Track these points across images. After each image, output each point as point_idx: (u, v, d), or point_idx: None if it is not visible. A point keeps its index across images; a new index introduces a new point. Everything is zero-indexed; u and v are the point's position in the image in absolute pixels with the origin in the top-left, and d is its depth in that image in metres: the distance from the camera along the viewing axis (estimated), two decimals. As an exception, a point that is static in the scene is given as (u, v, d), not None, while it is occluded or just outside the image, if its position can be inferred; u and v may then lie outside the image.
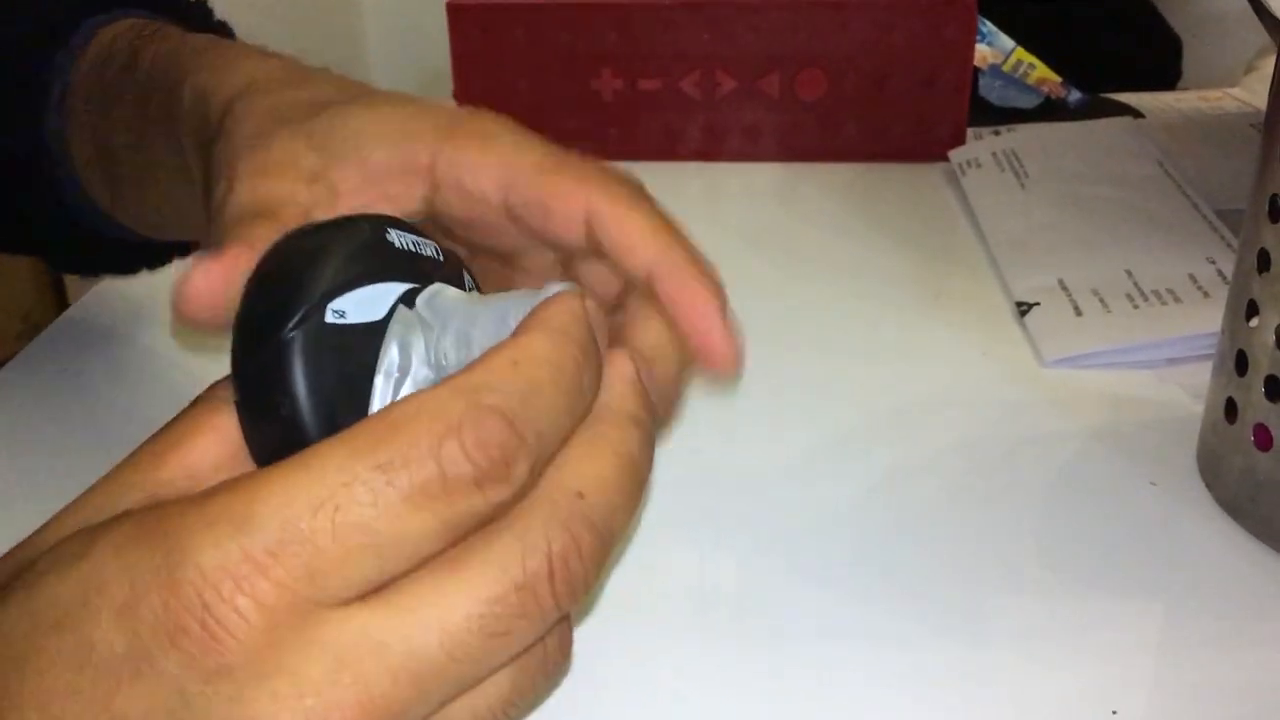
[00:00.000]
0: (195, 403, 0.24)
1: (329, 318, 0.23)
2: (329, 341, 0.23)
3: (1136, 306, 0.49)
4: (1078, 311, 0.50)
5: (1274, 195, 0.36)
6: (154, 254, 0.50)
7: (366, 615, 0.21)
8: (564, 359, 0.22)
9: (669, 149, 0.69)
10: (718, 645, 0.35)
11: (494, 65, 0.69)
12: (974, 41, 0.66)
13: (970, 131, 0.68)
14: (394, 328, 0.24)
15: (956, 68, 0.66)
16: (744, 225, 0.63)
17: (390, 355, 0.24)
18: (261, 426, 0.23)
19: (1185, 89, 0.82)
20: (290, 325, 0.23)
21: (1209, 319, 0.44)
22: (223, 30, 0.49)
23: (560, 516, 0.22)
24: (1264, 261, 0.36)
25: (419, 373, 0.24)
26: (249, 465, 0.24)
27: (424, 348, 0.24)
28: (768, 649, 0.35)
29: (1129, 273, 0.52)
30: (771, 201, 0.66)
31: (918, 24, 0.65)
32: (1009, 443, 0.44)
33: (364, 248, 0.24)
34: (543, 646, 0.23)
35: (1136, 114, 0.72)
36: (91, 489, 0.24)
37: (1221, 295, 0.41)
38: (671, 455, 0.43)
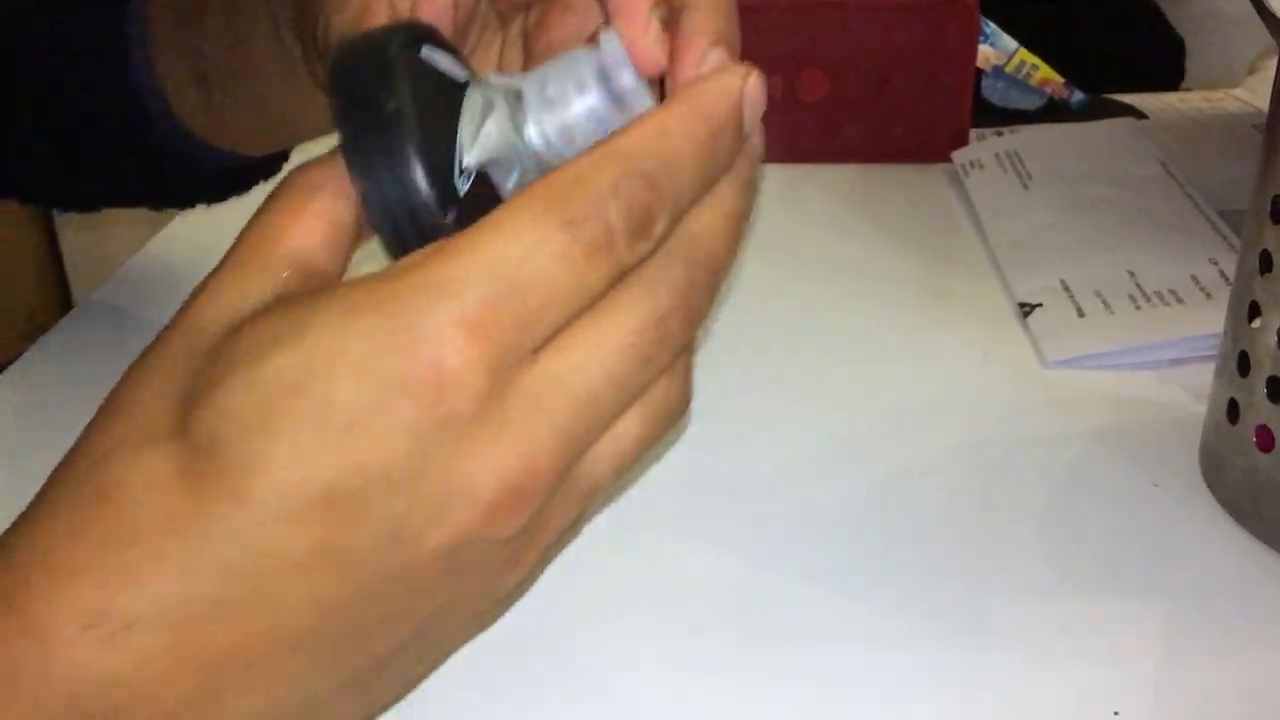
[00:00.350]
0: (277, 195, 0.26)
1: (422, 54, 0.26)
2: (421, 71, 0.26)
3: (1139, 307, 0.49)
4: (1080, 312, 0.50)
5: (1275, 197, 0.36)
6: (243, 178, 0.52)
7: (548, 359, 0.23)
8: (703, 133, 0.25)
9: (671, 150, 0.69)
10: (719, 645, 0.35)
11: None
12: (976, 42, 0.66)
13: (973, 132, 0.68)
14: (473, 85, 0.27)
15: (959, 69, 0.66)
16: (746, 226, 0.63)
17: (474, 97, 0.26)
18: (362, 128, 0.25)
19: (1188, 89, 0.82)
20: (394, 46, 0.26)
21: (1211, 320, 0.44)
22: None
23: (684, 260, 0.25)
24: (1266, 263, 0.36)
25: (500, 112, 0.27)
26: (348, 241, 0.26)
27: (501, 100, 0.27)
28: (768, 650, 0.35)
29: (1131, 274, 0.52)
30: (773, 202, 0.66)
31: (919, 25, 0.65)
32: (1011, 444, 0.44)
33: (441, 37, 0.28)
34: (666, 393, 0.26)
35: (1139, 115, 0.72)
36: (217, 279, 0.25)
37: (1224, 296, 0.41)
38: (672, 456, 0.44)
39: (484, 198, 0.26)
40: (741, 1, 0.74)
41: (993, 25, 0.72)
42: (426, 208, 0.25)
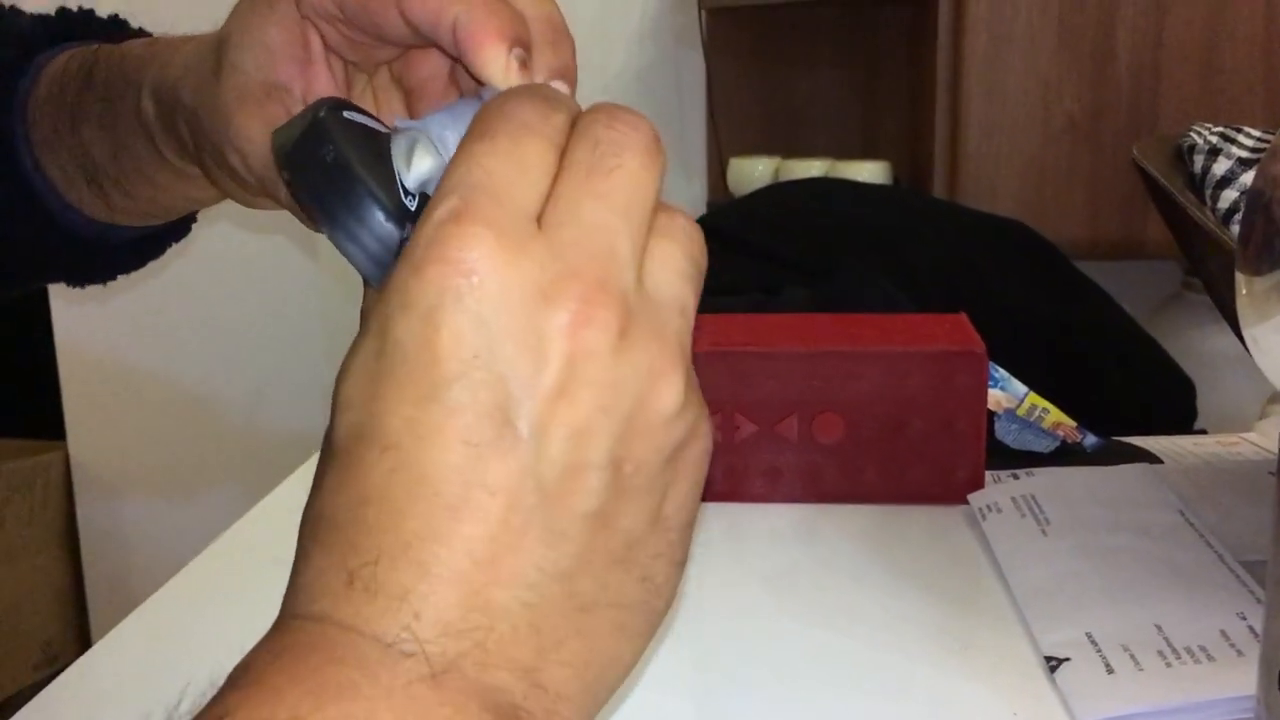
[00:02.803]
0: None
1: (345, 115, 0.32)
2: (349, 125, 0.31)
3: (1169, 665, 0.48)
4: (1109, 669, 0.48)
5: (1293, 563, 0.36)
6: (156, 243, 0.57)
7: (546, 216, 0.28)
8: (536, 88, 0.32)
9: (691, 490, 0.70)
10: None
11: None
12: (986, 389, 0.68)
13: (989, 475, 0.69)
14: (394, 131, 0.33)
15: (971, 414, 0.68)
16: (766, 567, 0.63)
17: (399, 139, 0.32)
18: (314, 180, 0.30)
19: (1201, 430, 0.83)
20: (321, 111, 0.31)
21: (1244, 680, 0.42)
22: (142, 34, 0.55)
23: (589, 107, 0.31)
24: (1291, 630, 0.36)
25: (424, 144, 0.32)
26: None
27: (422, 137, 0.32)
28: None
29: (1159, 628, 0.50)
30: (793, 542, 0.66)
31: (931, 372, 0.68)
32: (1046, 815, 0.41)
33: (354, 104, 0.34)
34: (671, 219, 0.30)
35: (1153, 459, 0.73)
36: None
37: (1255, 654, 0.40)
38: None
39: None
40: (760, 348, 0.77)
41: (1002, 371, 0.74)
42: (385, 227, 0.29)
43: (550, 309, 0.27)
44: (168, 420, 1.50)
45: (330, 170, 0.30)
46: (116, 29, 0.55)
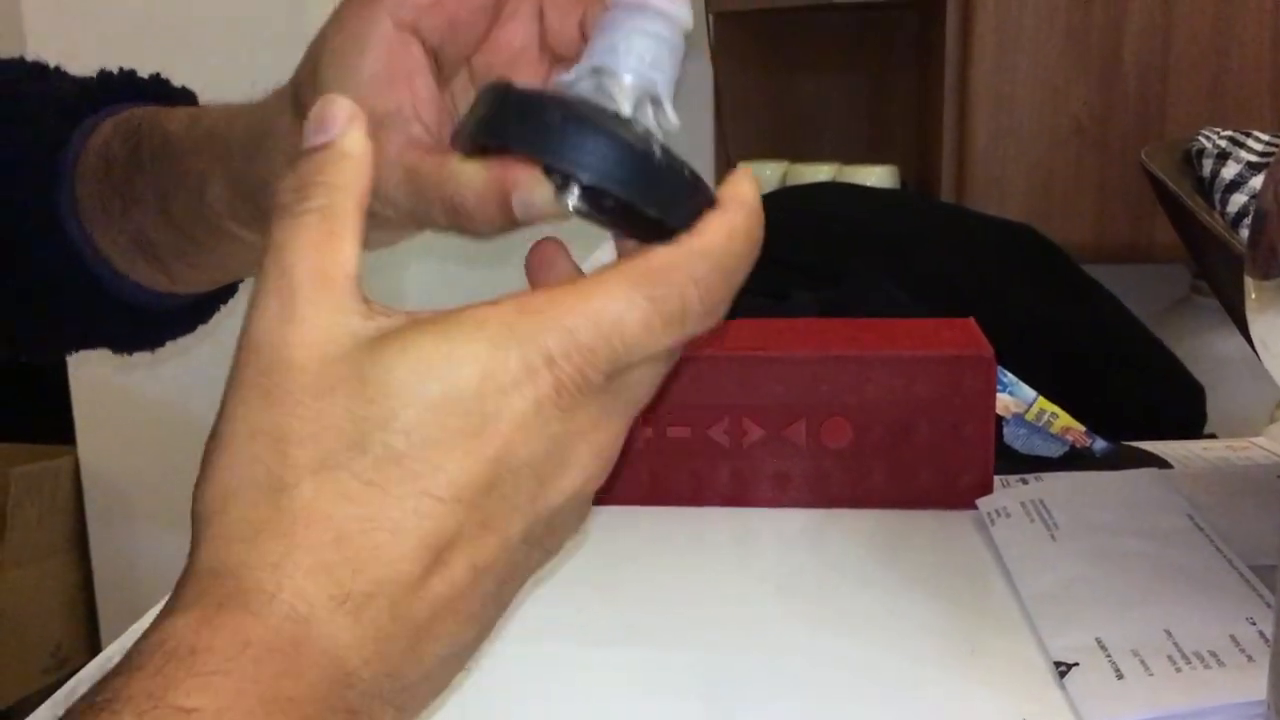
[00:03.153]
0: (300, 233, 0.31)
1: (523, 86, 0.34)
2: (534, 91, 0.33)
3: (1179, 669, 0.48)
4: (1118, 673, 0.48)
5: (1303, 567, 0.36)
6: (205, 310, 0.58)
7: (620, 375, 0.31)
8: (756, 231, 0.33)
9: (698, 495, 0.70)
10: None
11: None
12: (994, 393, 0.68)
13: (997, 479, 0.69)
14: (572, 75, 0.35)
15: (979, 418, 0.68)
16: (773, 571, 0.63)
17: (578, 85, 0.34)
18: (544, 140, 0.31)
19: (1211, 435, 0.83)
20: (506, 91, 0.33)
21: (1254, 685, 0.42)
22: (185, 97, 0.55)
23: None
24: (1301, 635, 0.36)
25: (610, 83, 0.34)
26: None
27: (599, 76, 0.34)
28: None
29: (1168, 632, 0.50)
30: (800, 547, 0.66)
31: (938, 376, 0.68)
32: (1055, 820, 0.41)
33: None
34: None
35: (1163, 463, 0.73)
36: (298, 320, 0.30)
37: (1266, 659, 0.40)
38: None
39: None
40: (768, 353, 0.77)
41: (1010, 375, 0.74)
42: (633, 150, 0.31)
43: (588, 464, 0.32)
44: (178, 426, 1.51)
45: (559, 127, 0.31)
46: (159, 89, 0.54)
